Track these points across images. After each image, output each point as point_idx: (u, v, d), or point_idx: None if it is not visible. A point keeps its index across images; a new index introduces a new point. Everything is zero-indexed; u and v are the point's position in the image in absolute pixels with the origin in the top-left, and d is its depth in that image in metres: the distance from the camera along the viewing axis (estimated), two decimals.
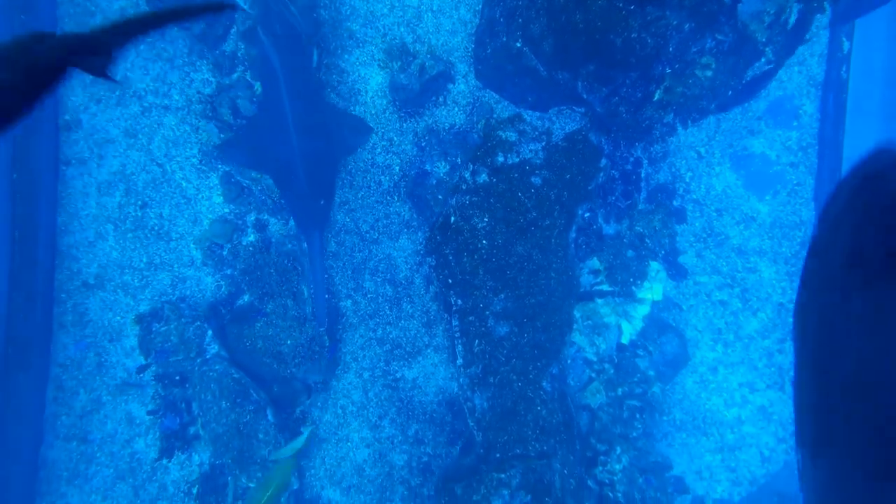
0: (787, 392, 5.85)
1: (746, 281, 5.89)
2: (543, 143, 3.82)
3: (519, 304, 3.87)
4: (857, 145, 5.48)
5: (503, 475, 3.79)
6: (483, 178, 3.84)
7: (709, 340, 5.91)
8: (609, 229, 4.32)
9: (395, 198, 6.07)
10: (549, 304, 3.95)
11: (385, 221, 6.10)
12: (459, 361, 4.05)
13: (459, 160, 5.20)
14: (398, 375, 6.02)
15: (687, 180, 5.90)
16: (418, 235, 6.10)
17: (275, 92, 5.17)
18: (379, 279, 6.08)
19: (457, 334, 4.00)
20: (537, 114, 3.88)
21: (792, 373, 5.89)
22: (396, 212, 6.08)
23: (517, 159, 3.80)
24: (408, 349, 6.05)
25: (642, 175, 5.46)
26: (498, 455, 3.91)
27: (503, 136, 3.82)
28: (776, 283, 5.87)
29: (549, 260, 3.91)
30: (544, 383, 4.00)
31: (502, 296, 3.85)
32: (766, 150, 5.86)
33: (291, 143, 5.16)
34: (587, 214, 4.13)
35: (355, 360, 6.08)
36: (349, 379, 6.05)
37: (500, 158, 3.81)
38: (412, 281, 6.07)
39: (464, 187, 3.92)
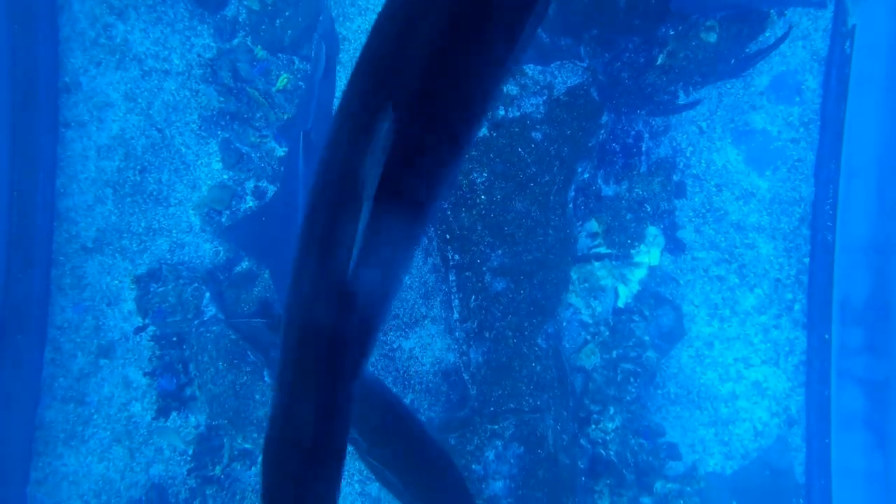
0: (781, 367, 5.88)
1: (744, 256, 5.90)
2: (545, 98, 3.82)
3: (516, 260, 3.88)
4: (859, 121, 5.47)
5: (497, 427, 3.83)
6: (483, 131, 3.84)
7: (705, 315, 5.92)
8: (608, 190, 4.32)
9: None
10: (547, 261, 3.97)
11: None
12: (455, 316, 4.08)
13: None
14: (395, 345, 6.03)
15: (687, 155, 5.88)
16: None
17: (290, 188, 4.83)
18: None
19: (454, 289, 4.02)
20: (539, 68, 3.87)
21: (788, 348, 5.92)
22: None
23: (518, 113, 3.80)
24: (405, 319, 6.06)
25: (643, 149, 5.45)
26: (492, 409, 3.95)
27: (504, 90, 3.81)
28: (774, 258, 5.88)
29: (548, 217, 3.92)
30: (539, 340, 4.03)
31: (500, 252, 3.86)
32: (767, 126, 5.84)
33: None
34: (586, 175, 4.14)
35: None
36: None
37: (501, 112, 3.81)
38: None
39: None
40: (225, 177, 5.93)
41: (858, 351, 5.52)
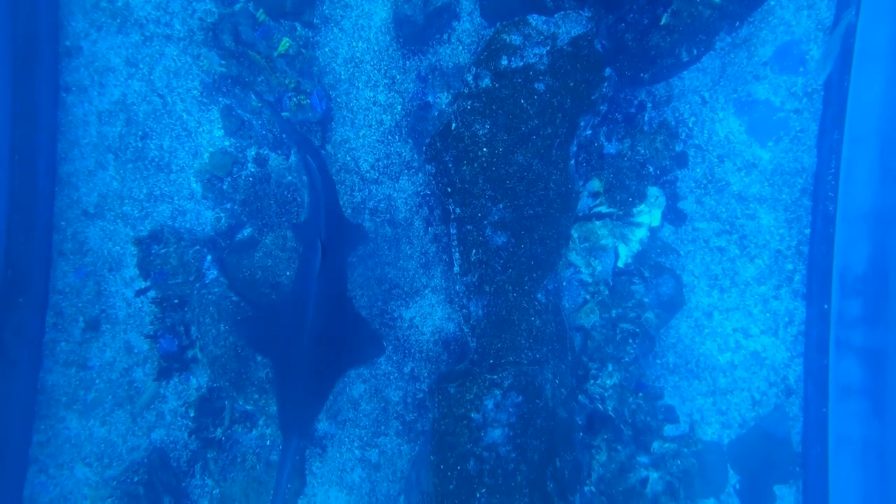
0: (780, 337, 5.90)
1: (745, 227, 5.90)
2: (548, 48, 3.78)
3: (517, 214, 3.87)
4: (863, 91, 5.45)
5: (495, 376, 3.84)
6: (486, 82, 3.81)
7: (705, 286, 5.94)
8: (611, 148, 4.29)
9: (397, 137, 6.05)
10: (548, 216, 3.96)
11: (386, 161, 6.08)
12: (456, 269, 4.08)
13: None
14: (396, 315, 6.06)
15: (690, 125, 5.87)
16: (419, 177, 6.09)
17: (303, 288, 4.74)
18: (378, 219, 6.08)
19: (454, 242, 4.01)
20: (543, 18, 3.83)
21: (787, 319, 5.93)
22: (397, 152, 6.06)
23: (521, 63, 3.76)
24: (406, 289, 6.08)
25: (646, 119, 5.44)
26: (491, 361, 3.96)
27: (507, 40, 3.77)
28: (775, 230, 5.88)
29: (549, 171, 3.90)
30: (539, 295, 4.02)
31: (501, 205, 3.85)
32: (770, 97, 5.82)
33: (303, 341, 4.62)
34: (589, 131, 4.11)
35: (354, 299, 6.10)
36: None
37: (504, 62, 3.77)
38: (412, 222, 6.07)
39: (465, 91, 3.89)
40: (226, 143, 5.92)
41: (857, 321, 5.54)
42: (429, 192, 6.06)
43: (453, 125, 3.87)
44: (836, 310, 5.53)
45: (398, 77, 5.97)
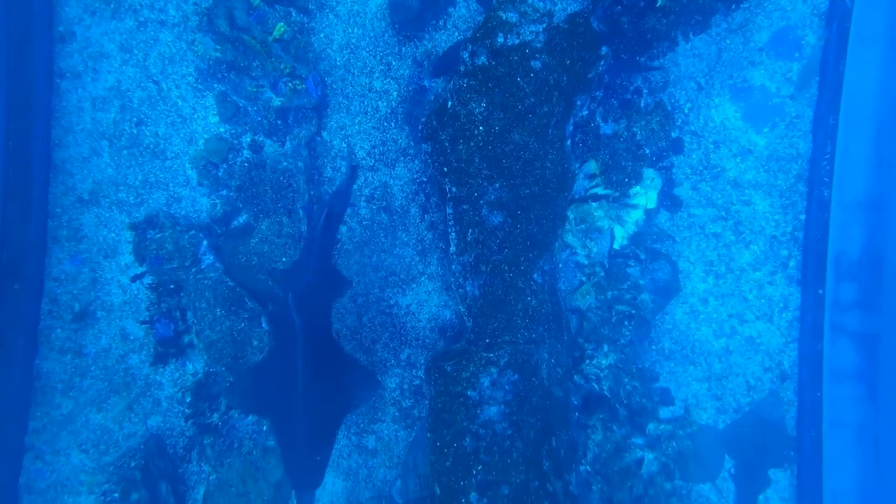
0: (775, 323, 5.92)
1: (741, 214, 5.92)
2: (545, 25, 3.77)
3: (513, 194, 3.87)
4: (858, 76, 5.46)
5: (492, 355, 3.85)
6: (482, 60, 3.79)
7: (700, 272, 5.96)
8: (607, 128, 4.29)
9: (393, 124, 6.04)
10: (544, 195, 3.95)
11: (382, 148, 6.07)
12: (452, 249, 4.08)
13: None
14: (392, 302, 6.06)
15: (686, 111, 5.88)
16: (415, 164, 6.08)
17: (288, 347, 4.78)
18: (375, 207, 6.08)
19: (451, 222, 4.01)
20: None
21: (782, 304, 5.96)
22: (393, 139, 6.05)
23: (517, 41, 3.75)
24: (402, 276, 6.08)
25: (641, 105, 5.43)
26: (487, 340, 3.96)
27: (503, 17, 3.76)
28: (770, 215, 5.90)
29: (546, 150, 3.90)
30: (535, 275, 4.03)
31: (497, 185, 3.84)
32: (766, 82, 5.83)
33: (297, 388, 4.63)
34: (585, 111, 4.11)
35: (350, 286, 6.10)
36: (343, 303, 6.08)
37: (500, 39, 3.76)
38: (408, 210, 6.07)
39: (462, 69, 3.88)
40: (222, 130, 5.89)
41: (851, 306, 5.56)
42: (425, 180, 6.05)
43: (449, 103, 3.87)
44: (831, 295, 5.56)
45: (394, 63, 5.96)
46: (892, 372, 5.30)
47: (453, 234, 3.98)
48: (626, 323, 4.52)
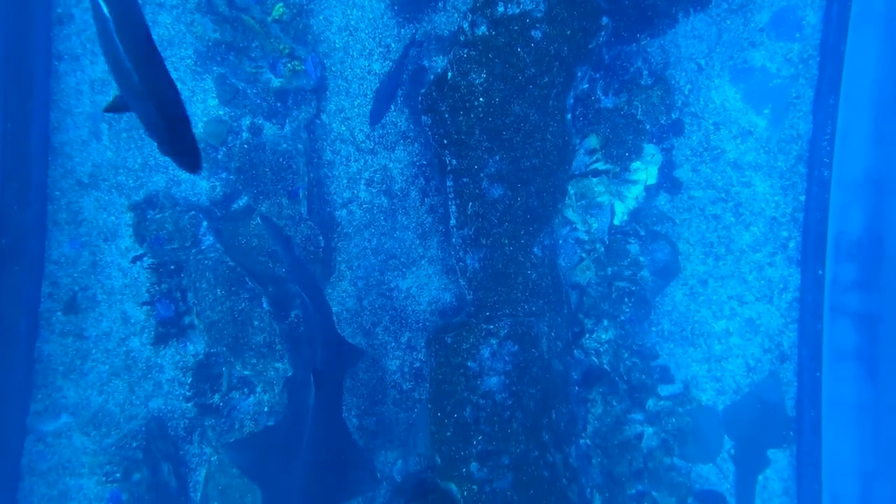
0: (775, 304, 5.93)
1: (741, 195, 5.92)
2: None
3: (514, 166, 3.87)
4: (859, 56, 5.44)
5: (492, 326, 3.87)
6: (482, 30, 3.79)
7: (700, 254, 5.96)
8: (607, 102, 4.29)
9: (392, 107, 6.02)
10: (544, 168, 3.96)
11: (381, 131, 6.06)
12: (452, 222, 4.08)
13: None
14: (392, 285, 6.07)
15: (686, 93, 5.86)
16: (415, 147, 6.07)
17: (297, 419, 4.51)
18: (374, 190, 6.08)
19: (451, 195, 4.02)
20: None
21: (782, 286, 5.97)
22: (393, 122, 6.04)
23: (517, 10, 3.75)
24: (402, 260, 6.09)
25: (642, 79, 5.41)
26: (488, 313, 3.98)
27: None
28: (770, 197, 5.90)
29: (546, 122, 3.90)
30: (535, 249, 4.04)
31: (497, 157, 3.85)
32: (766, 63, 5.81)
33: (297, 476, 4.34)
34: (586, 84, 4.11)
35: (350, 269, 6.11)
36: (344, 287, 6.09)
37: (501, 9, 3.76)
38: (408, 193, 6.07)
39: (462, 39, 3.87)
40: (221, 112, 5.88)
41: (851, 286, 5.57)
42: (425, 163, 6.05)
43: (449, 74, 3.87)
44: (831, 275, 5.57)
45: (393, 45, 5.94)
46: (892, 352, 5.32)
47: (453, 207, 3.98)
48: (626, 299, 4.53)
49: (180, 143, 2.31)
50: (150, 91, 2.25)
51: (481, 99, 3.77)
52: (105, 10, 2.19)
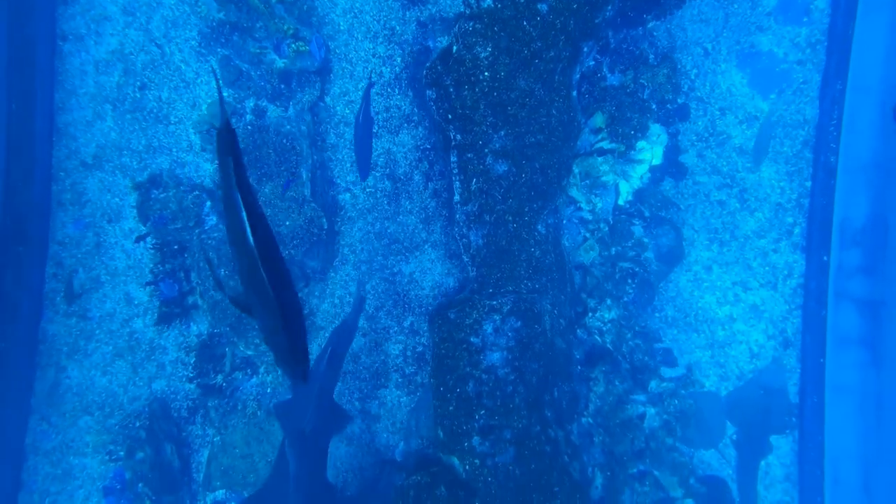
0: (779, 290, 5.91)
1: (746, 181, 5.89)
2: None
3: (518, 142, 3.85)
4: (867, 40, 5.40)
5: (495, 302, 3.85)
6: (488, 2, 3.76)
7: (704, 240, 5.94)
8: (613, 79, 4.26)
9: (397, 90, 6.00)
10: (549, 144, 3.94)
11: (385, 115, 6.04)
12: (456, 198, 4.07)
13: None
14: (395, 270, 6.06)
15: (692, 77, 5.82)
16: (419, 131, 6.05)
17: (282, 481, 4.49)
18: (378, 174, 6.06)
19: (455, 171, 4.00)
20: None
21: (786, 272, 5.94)
22: (397, 105, 6.02)
23: None
24: (405, 244, 6.08)
25: (650, 58, 5.37)
26: (491, 290, 3.97)
27: None
28: (775, 182, 5.87)
29: (552, 97, 3.88)
30: (539, 226, 4.02)
31: (502, 132, 3.82)
32: (773, 48, 5.77)
33: None
34: (592, 62, 4.08)
35: (353, 253, 6.10)
36: (347, 271, 6.08)
37: None
38: (411, 177, 6.05)
39: (468, 12, 3.85)
40: (225, 94, 5.87)
41: (856, 271, 5.54)
42: (429, 146, 6.02)
43: (454, 48, 3.84)
44: (836, 261, 5.54)
45: (398, 28, 5.91)
46: (895, 337, 5.30)
47: (457, 183, 3.96)
48: (629, 280, 4.51)
49: (295, 356, 2.34)
50: (283, 311, 2.26)
51: (486, 73, 3.74)
52: (250, 236, 2.22)
